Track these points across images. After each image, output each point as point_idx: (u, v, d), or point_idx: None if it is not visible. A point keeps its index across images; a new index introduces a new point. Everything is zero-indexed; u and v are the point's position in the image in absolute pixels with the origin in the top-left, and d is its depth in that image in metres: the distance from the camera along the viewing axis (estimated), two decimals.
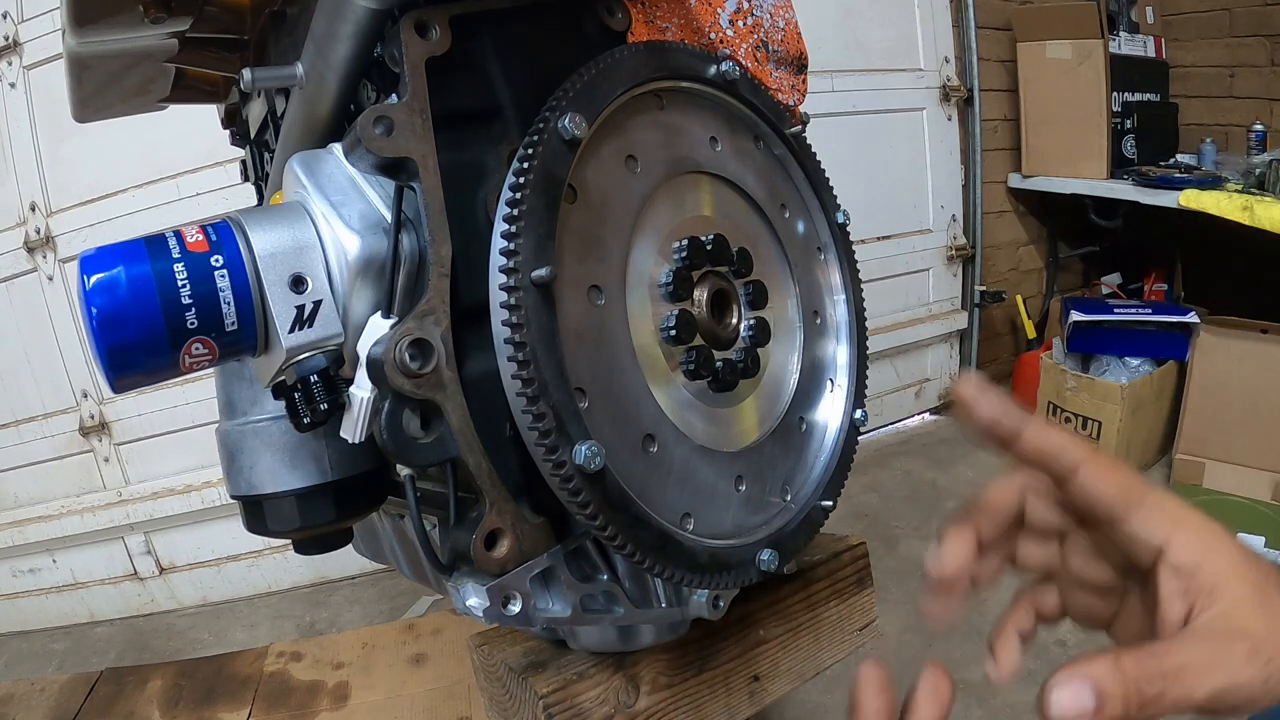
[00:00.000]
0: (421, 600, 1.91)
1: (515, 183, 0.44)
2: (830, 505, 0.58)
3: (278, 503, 0.55)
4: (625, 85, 0.49)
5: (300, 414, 0.44)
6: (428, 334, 0.43)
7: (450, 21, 0.46)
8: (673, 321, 0.50)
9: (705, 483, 0.51)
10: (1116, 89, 2.39)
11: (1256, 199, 1.91)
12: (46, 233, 1.89)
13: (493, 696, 0.61)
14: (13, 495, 2.04)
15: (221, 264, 0.43)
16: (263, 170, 0.79)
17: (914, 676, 0.36)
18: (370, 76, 0.50)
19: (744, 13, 0.61)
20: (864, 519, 2.07)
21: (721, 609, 0.54)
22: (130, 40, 0.64)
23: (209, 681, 1.31)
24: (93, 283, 0.41)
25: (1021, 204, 2.75)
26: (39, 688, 1.32)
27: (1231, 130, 2.47)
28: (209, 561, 2.09)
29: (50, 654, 1.98)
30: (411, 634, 1.38)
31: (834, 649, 0.66)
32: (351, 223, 0.45)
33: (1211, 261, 2.50)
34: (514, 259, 0.42)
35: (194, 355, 0.43)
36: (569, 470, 0.43)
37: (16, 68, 1.83)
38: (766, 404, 0.57)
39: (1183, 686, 0.32)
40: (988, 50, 2.57)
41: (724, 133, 0.56)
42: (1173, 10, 2.61)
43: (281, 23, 0.62)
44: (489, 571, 0.45)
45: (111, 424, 2.00)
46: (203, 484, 1.99)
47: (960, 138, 2.60)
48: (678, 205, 0.53)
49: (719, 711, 0.59)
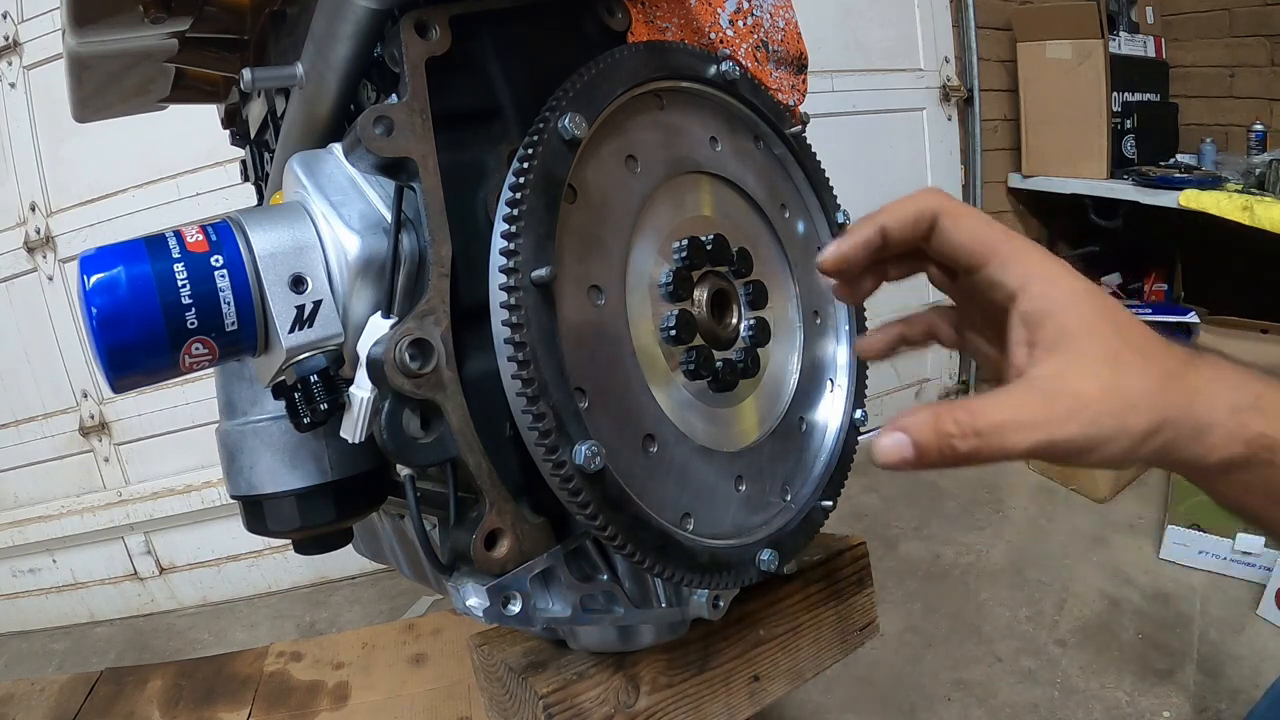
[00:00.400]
0: (421, 600, 1.91)
1: (515, 183, 0.44)
2: (830, 505, 0.58)
3: (278, 503, 0.55)
4: (625, 85, 0.49)
5: (300, 414, 0.44)
6: (428, 334, 0.43)
7: (450, 21, 0.46)
8: (673, 321, 0.50)
9: (705, 483, 0.51)
10: (1116, 89, 2.38)
11: (1256, 199, 1.91)
12: (46, 233, 1.89)
13: (493, 696, 0.61)
14: (13, 495, 2.04)
15: (221, 264, 0.43)
16: (263, 170, 0.79)
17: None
18: (370, 76, 0.50)
19: (744, 13, 0.61)
20: (864, 519, 2.07)
21: (721, 609, 0.54)
22: (130, 40, 0.64)
23: (209, 681, 1.31)
24: (93, 283, 0.41)
25: (1021, 204, 2.75)
26: (39, 688, 1.32)
27: (1231, 130, 2.47)
28: (209, 561, 2.09)
29: (50, 654, 1.98)
30: (411, 634, 1.38)
31: (834, 649, 0.66)
32: (351, 223, 0.45)
33: (1211, 261, 2.50)
34: (514, 259, 0.42)
35: (194, 355, 0.43)
36: (569, 470, 0.43)
37: (16, 68, 1.83)
38: (766, 404, 0.57)
39: (1000, 440, 0.33)
40: (988, 50, 2.57)
41: (724, 133, 0.56)
42: (1173, 10, 2.61)
43: (281, 23, 0.62)
44: (489, 571, 0.45)
45: (111, 424, 2.00)
46: (203, 484, 1.99)
47: (960, 138, 2.60)
48: (678, 205, 0.53)
49: (719, 711, 0.59)
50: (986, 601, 1.69)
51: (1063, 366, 0.34)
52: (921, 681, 1.48)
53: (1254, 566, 1.62)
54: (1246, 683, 1.39)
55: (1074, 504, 2.03)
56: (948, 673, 1.50)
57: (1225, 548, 1.65)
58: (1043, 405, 0.33)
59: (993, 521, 2.00)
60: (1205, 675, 1.42)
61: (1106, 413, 0.33)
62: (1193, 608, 1.60)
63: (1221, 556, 1.66)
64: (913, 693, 1.45)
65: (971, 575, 1.79)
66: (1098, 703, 1.39)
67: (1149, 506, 1.96)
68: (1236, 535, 1.62)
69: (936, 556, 1.88)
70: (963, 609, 1.68)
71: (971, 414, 0.33)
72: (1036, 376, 0.34)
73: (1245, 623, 1.53)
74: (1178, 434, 0.34)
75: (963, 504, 2.10)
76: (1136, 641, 1.53)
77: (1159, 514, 1.89)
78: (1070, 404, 0.33)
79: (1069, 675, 1.46)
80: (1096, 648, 1.52)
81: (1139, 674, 1.44)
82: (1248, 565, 1.63)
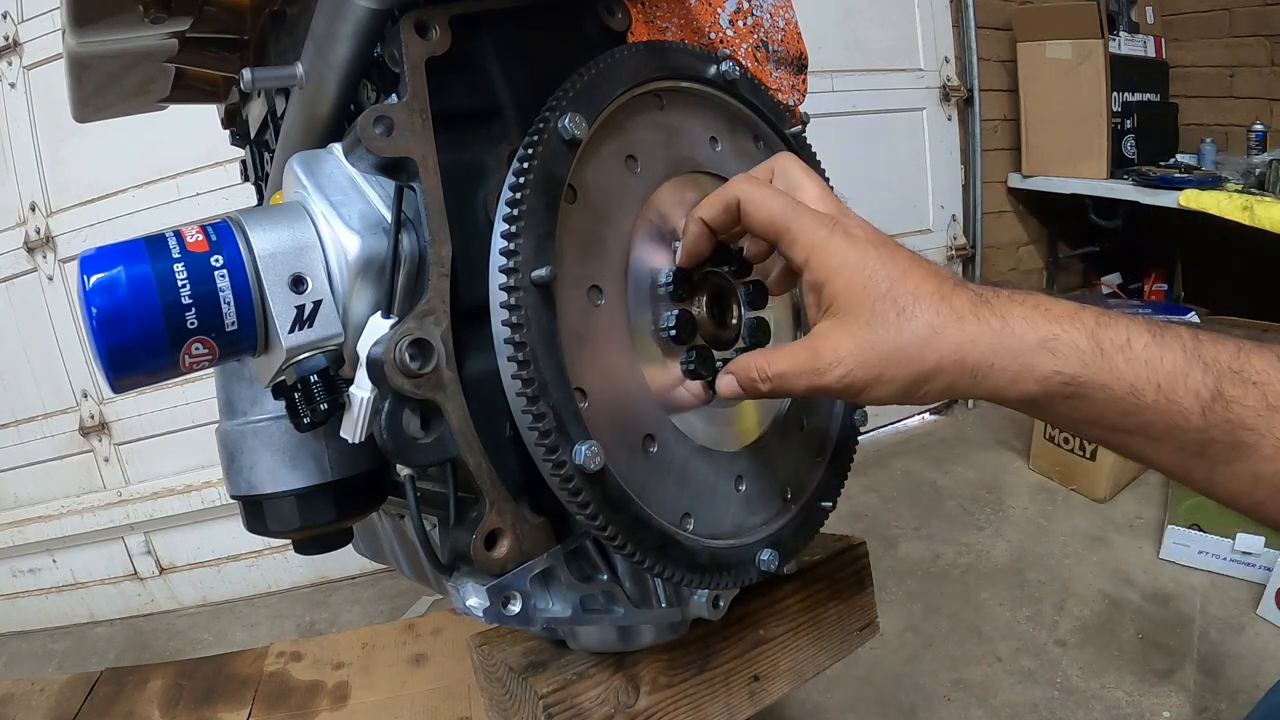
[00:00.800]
0: (421, 600, 1.91)
1: (515, 183, 0.44)
2: (830, 505, 0.58)
3: (278, 503, 0.56)
4: (625, 85, 0.49)
5: (300, 414, 0.44)
6: (428, 334, 0.43)
7: (450, 21, 0.46)
8: (673, 321, 0.50)
9: (705, 483, 0.51)
10: (1116, 89, 2.39)
11: (1256, 199, 1.91)
12: (46, 233, 1.89)
13: (493, 696, 0.61)
14: (13, 495, 2.04)
15: (221, 264, 0.43)
16: (263, 170, 0.79)
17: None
18: (370, 76, 0.50)
19: (744, 13, 0.61)
20: (864, 519, 2.07)
21: (721, 609, 0.54)
22: (130, 40, 0.64)
23: (209, 681, 1.31)
24: (93, 283, 0.41)
25: (1021, 204, 2.75)
26: (39, 688, 1.32)
27: (1231, 130, 2.47)
28: (209, 561, 2.09)
29: (50, 654, 1.98)
30: (411, 634, 1.38)
31: (834, 649, 0.66)
32: (351, 223, 0.45)
33: (1211, 261, 2.50)
34: (514, 259, 0.42)
35: (194, 355, 0.43)
36: (569, 470, 0.43)
37: (16, 68, 1.83)
38: (766, 404, 0.57)
39: (783, 383, 0.43)
40: (988, 50, 2.57)
41: (724, 133, 0.56)
42: (1173, 10, 2.61)
43: (281, 23, 0.62)
44: (489, 571, 0.45)
45: (111, 424, 2.00)
46: (203, 484, 1.99)
47: (960, 138, 2.60)
48: (678, 205, 0.53)
49: (719, 711, 0.59)
50: (986, 601, 1.69)
51: (829, 326, 0.41)
52: (921, 681, 1.48)
53: (1254, 566, 1.62)
54: (1246, 683, 1.39)
55: (1074, 504, 2.03)
56: (947, 673, 1.50)
57: (1225, 548, 1.65)
58: (810, 358, 0.41)
59: (993, 521, 2.00)
60: (1205, 675, 1.42)
61: (862, 365, 0.40)
62: (1193, 608, 1.60)
63: (1221, 556, 1.66)
64: (913, 693, 1.45)
65: (971, 575, 1.79)
66: (1098, 703, 1.39)
67: (1149, 506, 1.96)
68: (1236, 535, 1.62)
69: (936, 556, 1.88)
70: (962, 609, 1.68)
71: (767, 362, 0.43)
72: (813, 334, 0.42)
73: (1245, 623, 1.53)
74: (955, 378, 0.39)
75: (963, 504, 2.10)
76: (1136, 642, 1.53)
77: (1159, 514, 1.89)
78: (830, 357, 0.41)
79: (1069, 675, 1.46)
80: (1096, 648, 1.52)
81: (1139, 674, 1.44)
82: (1248, 565, 1.63)
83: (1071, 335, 0.38)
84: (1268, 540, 1.60)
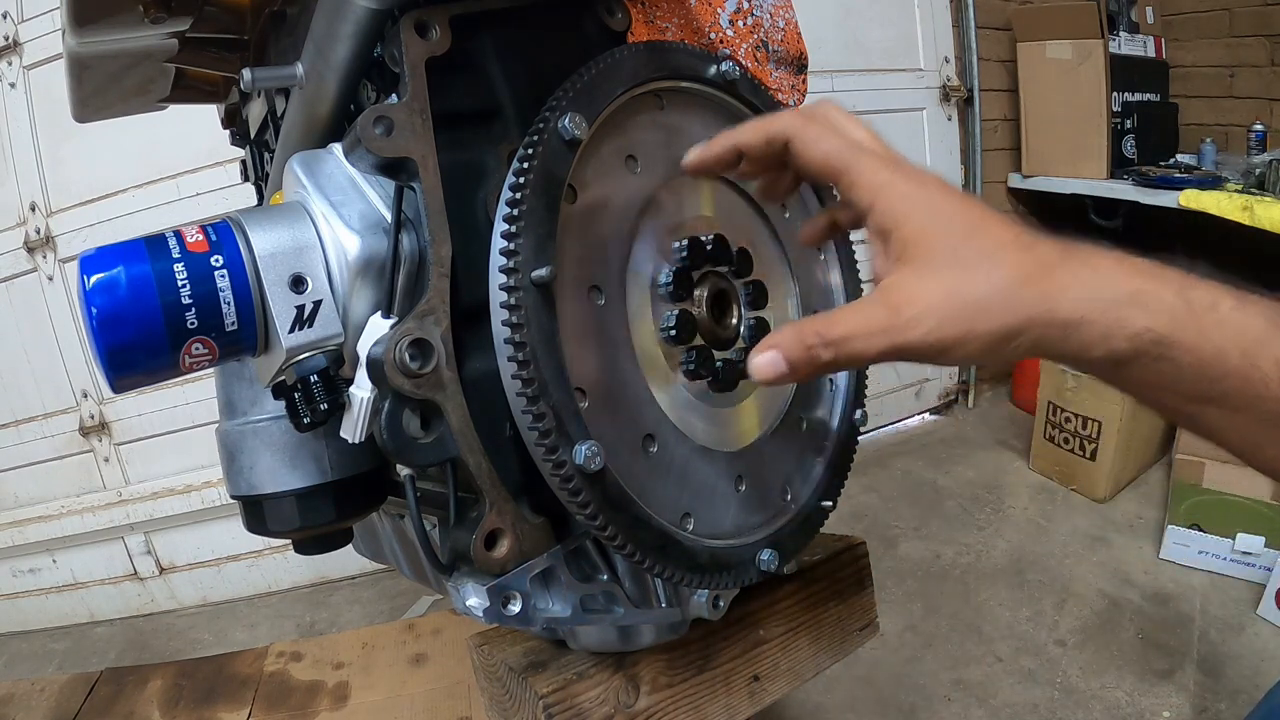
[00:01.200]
0: (421, 600, 1.91)
1: (515, 183, 0.44)
2: (830, 505, 0.58)
3: (278, 503, 0.55)
4: (625, 85, 0.49)
5: (300, 414, 0.44)
6: (428, 334, 0.43)
7: (450, 21, 0.46)
8: (673, 321, 0.50)
9: (705, 483, 0.51)
10: (1116, 89, 2.38)
11: (1256, 199, 1.91)
12: (46, 233, 1.89)
13: (493, 696, 0.61)
14: (13, 495, 2.04)
15: (221, 264, 0.43)
16: (263, 170, 0.79)
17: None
18: (370, 76, 0.50)
19: (744, 13, 0.61)
20: (864, 519, 2.07)
21: (721, 609, 0.54)
22: (130, 40, 0.64)
23: (209, 681, 1.31)
24: (93, 283, 0.41)
25: (1022, 204, 2.75)
26: (39, 688, 1.32)
27: (1231, 130, 2.47)
28: (209, 561, 2.09)
29: (50, 654, 1.98)
30: (411, 634, 1.38)
31: (834, 649, 0.66)
32: (351, 223, 0.45)
33: (1211, 261, 2.49)
34: (514, 259, 0.42)
35: (194, 355, 0.43)
36: (569, 470, 0.43)
37: (16, 68, 1.83)
38: (766, 404, 0.57)
39: (850, 348, 0.36)
40: (988, 50, 2.57)
41: None
42: (1173, 10, 2.61)
43: (281, 23, 0.62)
44: (489, 571, 0.45)
45: (111, 424, 2.00)
46: (203, 484, 1.99)
47: (960, 138, 2.60)
48: (678, 205, 0.53)
49: (719, 711, 0.59)
50: (986, 601, 1.69)
51: (907, 276, 0.35)
52: (921, 681, 1.48)
53: (1254, 566, 1.62)
54: (1246, 683, 1.39)
55: (1074, 504, 2.03)
56: (947, 673, 1.50)
57: (1225, 548, 1.65)
58: (887, 314, 0.35)
59: (993, 521, 2.00)
60: (1205, 675, 1.42)
61: (950, 318, 0.34)
62: (1193, 608, 1.60)
63: (1221, 556, 1.66)
64: (913, 693, 1.45)
65: (971, 575, 1.79)
66: (1098, 703, 1.39)
67: (1149, 506, 1.96)
68: (1236, 535, 1.63)
69: (936, 556, 1.88)
70: (962, 609, 1.68)
71: (828, 324, 0.36)
72: (885, 287, 0.36)
73: (1245, 623, 1.53)
74: (1045, 333, 0.34)
75: (963, 504, 2.10)
76: (1136, 642, 1.53)
77: (1159, 514, 1.89)
78: (913, 312, 0.35)
79: (1069, 675, 1.46)
80: (1096, 648, 1.52)
81: (1139, 674, 1.44)
82: (1248, 565, 1.63)
83: (1160, 291, 0.34)
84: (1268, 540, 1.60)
